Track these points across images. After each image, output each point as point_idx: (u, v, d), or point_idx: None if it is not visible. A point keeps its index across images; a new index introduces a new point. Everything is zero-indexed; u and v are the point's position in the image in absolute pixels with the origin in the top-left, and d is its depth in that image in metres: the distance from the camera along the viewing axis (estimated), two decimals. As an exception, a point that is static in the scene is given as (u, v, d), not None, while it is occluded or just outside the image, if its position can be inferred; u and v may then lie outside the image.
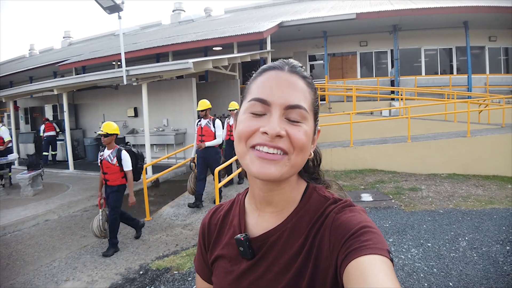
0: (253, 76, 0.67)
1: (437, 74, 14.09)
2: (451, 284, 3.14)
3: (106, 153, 4.12)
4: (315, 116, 0.66)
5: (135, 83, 8.08)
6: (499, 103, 11.13)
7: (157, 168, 8.07)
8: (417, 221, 4.77)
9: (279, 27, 12.12)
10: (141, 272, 3.62)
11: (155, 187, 7.56)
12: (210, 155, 5.61)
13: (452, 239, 4.12)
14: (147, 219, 5.33)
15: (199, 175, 5.61)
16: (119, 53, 8.68)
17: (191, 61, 7.40)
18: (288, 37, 13.56)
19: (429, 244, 4.00)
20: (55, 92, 9.34)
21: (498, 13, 11.35)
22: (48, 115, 12.25)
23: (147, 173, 5.84)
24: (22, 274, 3.75)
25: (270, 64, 0.66)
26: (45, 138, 10.99)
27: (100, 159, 4.15)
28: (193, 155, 5.76)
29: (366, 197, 6.03)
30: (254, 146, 0.60)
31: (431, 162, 7.82)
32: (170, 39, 13.76)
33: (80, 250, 4.31)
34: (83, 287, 3.38)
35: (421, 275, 3.31)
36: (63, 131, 10.75)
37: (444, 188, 6.47)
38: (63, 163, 10.78)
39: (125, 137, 10.27)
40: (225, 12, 21.56)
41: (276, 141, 0.58)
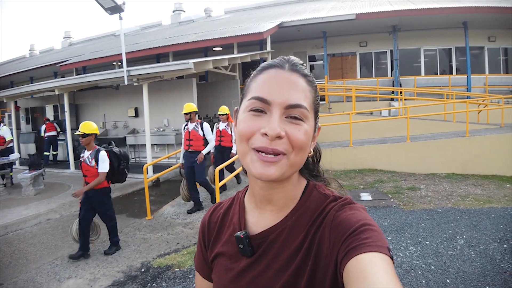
0: (253, 74, 0.66)
1: (437, 74, 14.14)
2: (448, 281, 3.18)
3: (86, 154, 3.97)
4: (316, 114, 0.65)
5: (136, 84, 8.13)
6: (498, 103, 11.17)
7: (157, 168, 8.13)
8: (415, 219, 4.81)
9: (279, 27, 12.17)
10: (142, 270, 3.67)
11: (155, 186, 7.61)
12: (196, 160, 5.36)
13: (450, 237, 4.16)
14: (148, 218, 5.38)
15: (188, 183, 5.45)
16: (120, 54, 8.73)
17: (191, 61, 7.45)
18: (288, 37, 13.61)
19: (427, 242, 4.04)
20: (56, 92, 9.39)
21: (497, 14, 11.40)
22: (49, 115, 12.30)
23: (148, 172, 5.86)
24: (25, 272, 3.79)
25: (270, 61, 0.65)
26: (46, 138, 11.05)
27: (80, 161, 4.01)
28: (181, 161, 5.59)
29: (365, 197, 6.08)
30: (255, 149, 0.59)
31: (430, 162, 7.86)
32: (171, 39, 13.81)
33: (82, 248, 4.35)
34: (85, 284, 3.43)
35: (419, 272, 3.36)
36: (64, 131, 10.81)
37: (443, 188, 6.51)
38: (64, 163, 10.84)
39: (126, 137, 10.33)
40: (225, 13, 21.62)
41: (275, 144, 0.58)
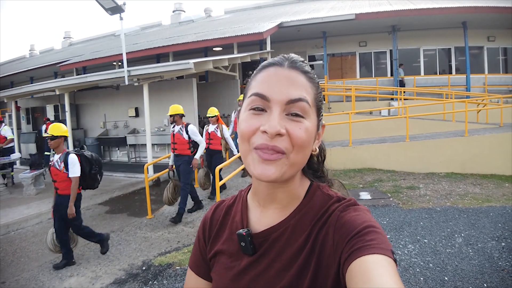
0: (253, 73, 0.67)
1: (436, 74, 14.18)
2: (446, 278, 3.22)
3: (55, 158, 3.75)
4: (318, 111, 0.64)
5: (136, 84, 8.16)
6: (497, 102, 11.20)
7: (158, 168, 8.15)
8: (414, 218, 4.85)
9: (278, 27, 12.20)
10: (144, 268, 3.70)
11: (156, 186, 7.64)
12: (181, 163, 5.20)
13: (448, 236, 4.19)
14: (149, 217, 5.42)
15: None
16: (120, 54, 8.76)
17: (192, 61, 7.48)
18: (288, 37, 13.64)
19: (425, 241, 4.08)
20: (57, 92, 9.43)
21: (496, 13, 11.43)
22: (50, 115, 12.32)
23: (148, 172, 5.89)
24: (27, 270, 3.83)
25: (270, 60, 0.65)
26: (46, 138, 11.07)
27: (50, 164, 3.80)
28: (171, 163, 5.45)
29: (364, 196, 6.11)
30: (256, 148, 0.59)
31: (429, 161, 7.89)
32: (171, 39, 13.84)
33: (84, 247, 4.38)
34: (87, 282, 3.46)
35: (417, 270, 3.39)
36: (64, 131, 10.81)
37: (441, 187, 6.54)
38: (64, 163, 10.85)
39: (126, 136, 10.36)
40: (225, 13, 21.65)
41: (275, 141, 0.57)
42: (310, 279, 0.59)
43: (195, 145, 5.32)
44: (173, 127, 5.31)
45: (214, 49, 13.25)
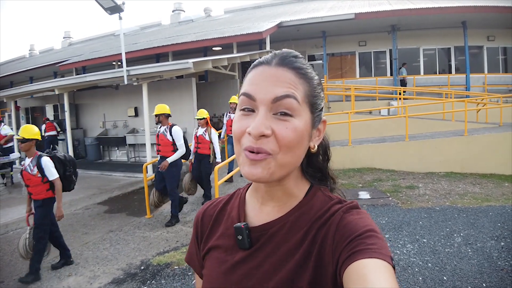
0: (246, 72, 0.67)
1: (436, 73, 14.17)
2: (445, 278, 3.21)
3: (27, 162, 3.52)
4: (313, 107, 0.62)
5: (135, 83, 8.15)
6: (497, 102, 11.20)
7: (157, 168, 8.14)
8: (413, 218, 4.84)
9: (278, 27, 12.20)
10: (142, 267, 3.70)
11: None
12: (167, 167, 4.94)
13: (448, 235, 4.19)
14: (148, 217, 5.41)
15: (156, 189, 5.08)
16: (119, 53, 8.75)
17: (191, 61, 7.48)
18: (287, 37, 13.63)
19: (424, 240, 4.07)
20: (56, 92, 9.42)
21: (496, 13, 11.43)
22: (49, 115, 12.34)
23: (147, 171, 5.88)
24: (25, 270, 3.81)
25: (260, 59, 0.65)
26: (46, 138, 11.07)
27: (21, 169, 3.57)
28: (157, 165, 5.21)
29: (363, 195, 6.10)
30: (244, 149, 0.59)
31: (429, 160, 7.89)
32: (170, 39, 13.84)
33: (82, 246, 4.38)
34: (85, 282, 3.45)
35: (416, 269, 3.39)
36: (63, 130, 10.84)
37: (441, 186, 6.54)
38: (64, 163, 10.85)
39: (125, 136, 10.35)
40: (224, 12, 21.66)
41: (260, 142, 0.56)
42: (309, 277, 0.58)
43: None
44: (159, 127, 5.08)
45: (213, 48, 13.25)
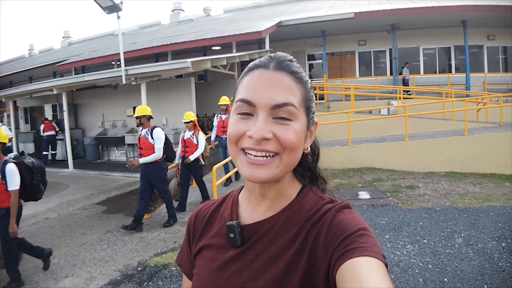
0: (241, 75, 0.66)
1: (436, 73, 14.15)
2: (446, 279, 3.17)
3: None
4: (308, 110, 0.63)
5: (134, 83, 8.12)
6: (497, 101, 11.16)
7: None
8: (413, 218, 4.80)
9: (277, 26, 12.16)
10: (139, 269, 3.66)
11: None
12: (151, 172, 4.75)
13: (448, 236, 4.15)
14: (146, 217, 5.36)
15: (140, 192, 4.88)
16: (118, 53, 8.71)
17: (189, 60, 7.44)
18: (287, 36, 13.60)
19: (424, 241, 4.03)
20: (54, 91, 9.39)
21: (496, 12, 11.40)
22: (48, 114, 12.29)
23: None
24: (22, 271, 3.76)
25: (256, 61, 0.65)
26: (44, 138, 11.04)
27: None
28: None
29: (363, 195, 6.06)
30: (243, 150, 0.60)
31: (429, 160, 7.85)
32: (169, 38, 13.81)
33: (79, 247, 4.34)
34: (82, 283, 3.42)
35: (416, 270, 3.35)
36: (62, 130, 10.80)
37: (441, 186, 6.50)
38: (62, 162, 10.83)
39: (124, 136, 10.31)
40: (224, 12, 21.62)
41: (263, 144, 0.58)
42: (301, 275, 0.59)
43: (167, 150, 4.82)
44: (141, 130, 4.86)
45: (213, 48, 13.21)
